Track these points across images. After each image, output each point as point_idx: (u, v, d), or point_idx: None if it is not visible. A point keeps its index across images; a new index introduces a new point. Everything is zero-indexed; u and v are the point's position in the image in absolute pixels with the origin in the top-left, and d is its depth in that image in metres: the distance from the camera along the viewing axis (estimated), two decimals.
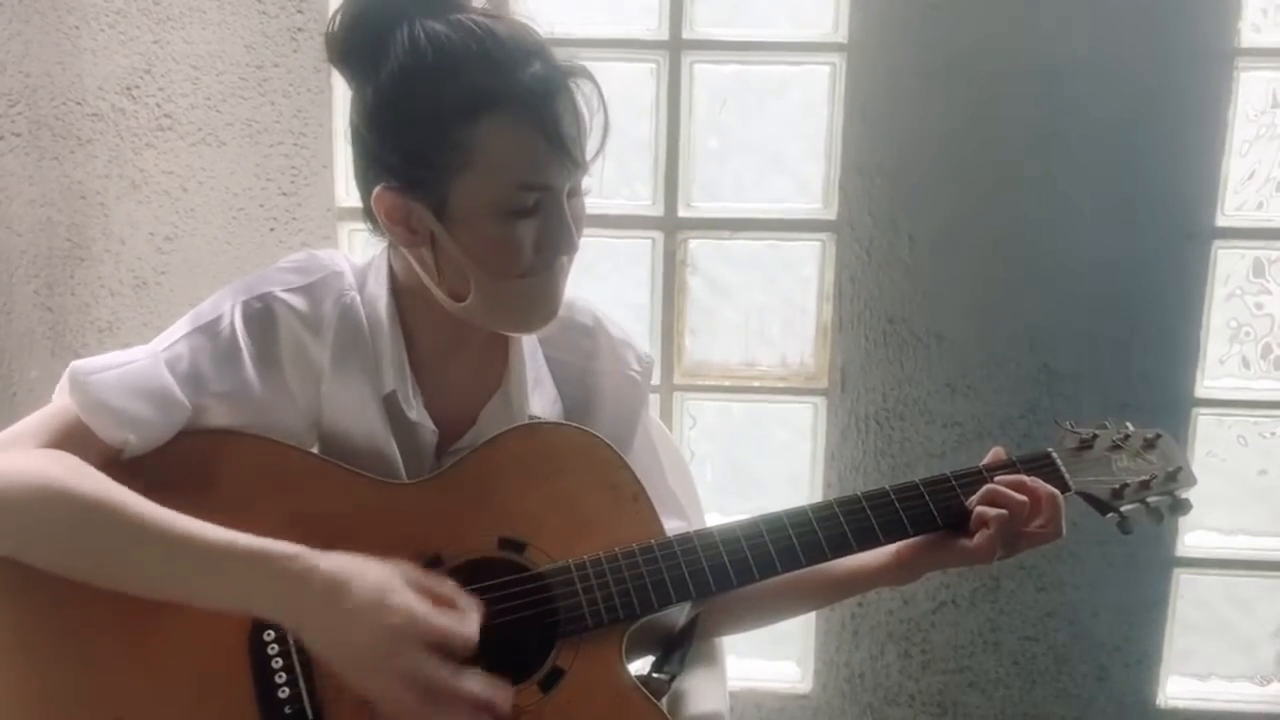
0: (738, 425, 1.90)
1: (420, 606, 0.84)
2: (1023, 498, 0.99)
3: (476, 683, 0.83)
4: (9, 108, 1.66)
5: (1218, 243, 1.72)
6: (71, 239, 1.74)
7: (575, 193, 0.96)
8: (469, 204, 0.92)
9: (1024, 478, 1.01)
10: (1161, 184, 1.68)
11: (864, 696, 1.85)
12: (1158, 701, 1.83)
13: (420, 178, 0.92)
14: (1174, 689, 1.85)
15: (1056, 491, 1.01)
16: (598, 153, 0.95)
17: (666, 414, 1.81)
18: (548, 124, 0.90)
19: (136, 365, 0.93)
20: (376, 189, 0.94)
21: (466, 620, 0.85)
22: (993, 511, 0.99)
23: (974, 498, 1.02)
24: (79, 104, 1.71)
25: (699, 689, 1.13)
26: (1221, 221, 1.71)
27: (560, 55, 0.93)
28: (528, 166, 0.91)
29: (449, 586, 0.87)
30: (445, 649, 0.83)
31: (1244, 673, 1.88)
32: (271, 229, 1.74)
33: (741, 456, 1.91)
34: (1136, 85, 1.66)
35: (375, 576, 0.84)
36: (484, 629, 0.92)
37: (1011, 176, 1.69)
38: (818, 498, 1.80)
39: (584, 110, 0.93)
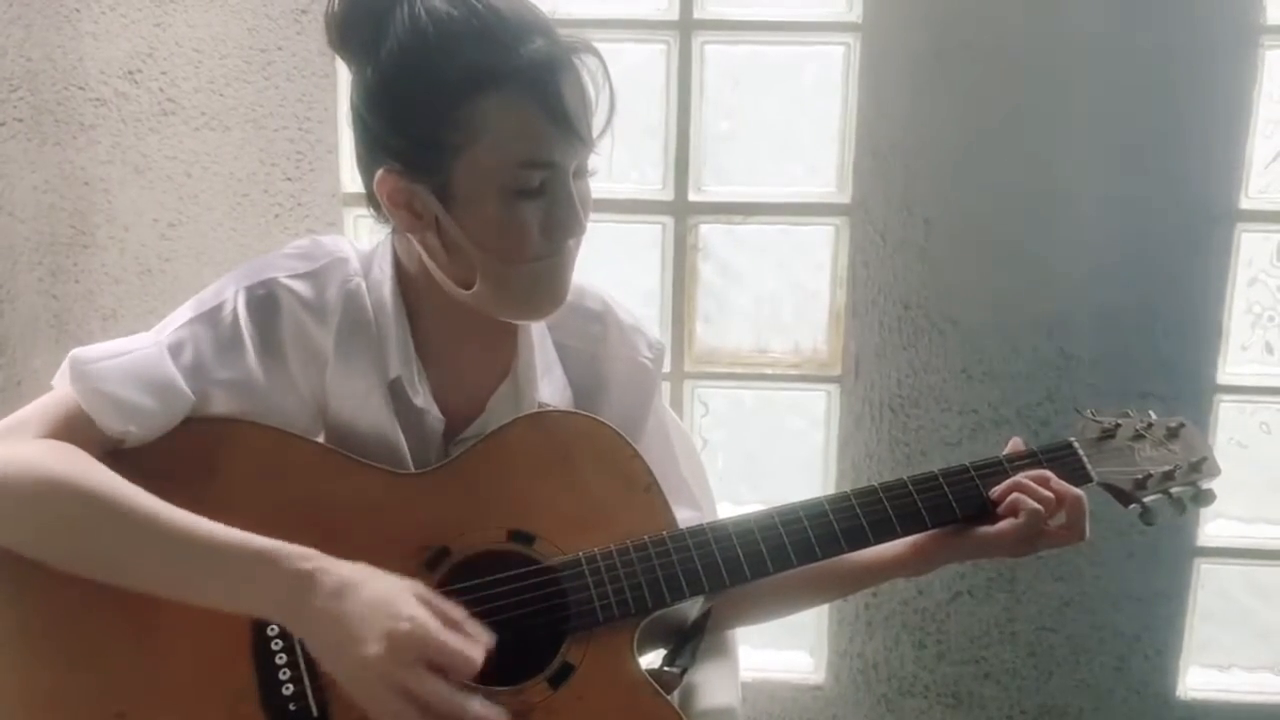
0: (749, 413, 1.87)
1: (429, 620, 0.81)
2: (1048, 493, 0.97)
3: (478, 704, 0.81)
4: (10, 93, 1.64)
5: (1241, 226, 1.68)
6: (75, 225, 1.72)
7: (581, 173, 0.94)
8: (472, 185, 0.90)
9: (1049, 474, 0.99)
10: (1184, 166, 1.64)
11: (878, 687, 1.83)
12: (1178, 693, 1.80)
13: (422, 159, 0.90)
14: (1194, 680, 1.82)
15: (1082, 494, 0.99)
16: (604, 130, 0.93)
17: (677, 401, 1.79)
18: (551, 100, 0.88)
19: (138, 354, 0.91)
20: (379, 172, 0.92)
21: (474, 644, 0.82)
22: (1030, 503, 0.96)
23: (996, 489, 0.99)
24: (81, 89, 1.68)
25: (711, 682, 1.11)
26: (1245, 204, 1.68)
27: (565, 31, 0.91)
28: (531, 144, 0.89)
29: (459, 611, 0.84)
30: (448, 668, 0.80)
31: (1265, 663, 1.85)
32: (276, 215, 1.71)
33: (753, 445, 1.88)
34: (1158, 64, 1.62)
35: (386, 583, 0.83)
36: (493, 624, 0.90)
37: (1029, 158, 1.66)
38: (831, 486, 1.78)
39: (589, 86, 0.91)
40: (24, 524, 0.86)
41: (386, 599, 0.81)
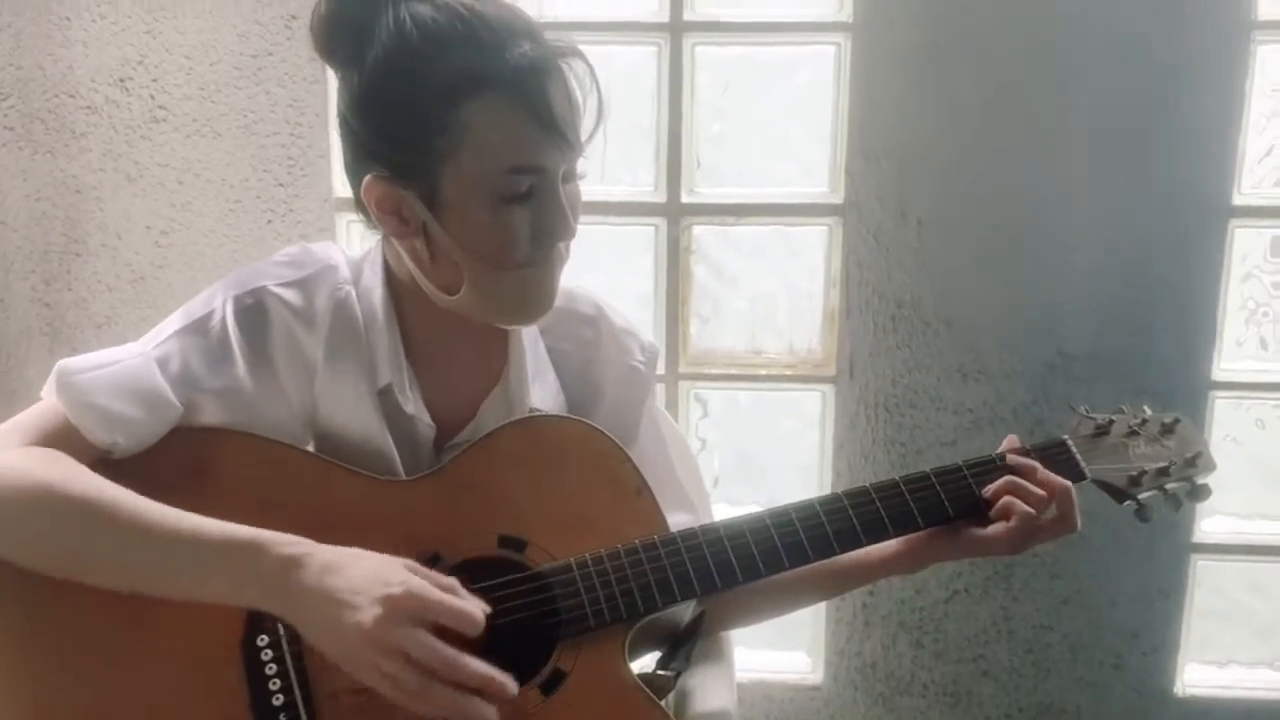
0: (745, 414, 1.87)
1: (423, 583, 0.81)
2: (1039, 492, 0.97)
3: (479, 664, 0.81)
4: (1, 101, 1.64)
5: (1234, 221, 1.68)
6: (67, 233, 1.72)
7: (570, 177, 0.94)
8: (460, 191, 0.90)
9: (1035, 464, 0.99)
10: (1176, 162, 1.64)
11: (876, 687, 1.82)
12: (1175, 690, 1.80)
13: (409, 165, 0.90)
14: (1192, 676, 1.82)
15: (1069, 485, 0.98)
16: (592, 134, 0.93)
17: (673, 403, 1.79)
18: (538, 104, 0.87)
19: (126, 364, 0.91)
20: (366, 178, 0.91)
21: (472, 602, 0.82)
22: (1022, 507, 0.96)
23: (989, 488, 0.99)
24: (72, 96, 1.68)
25: (705, 686, 1.10)
26: (1238, 200, 1.67)
27: (552, 35, 0.91)
28: (518, 149, 0.89)
29: (452, 580, 0.85)
30: (450, 626, 0.81)
31: (1264, 660, 1.85)
32: (269, 221, 1.71)
33: (749, 445, 1.88)
34: (1151, 60, 1.62)
35: (377, 559, 0.83)
36: (483, 631, 0.90)
37: (1022, 157, 1.66)
38: (826, 487, 1.78)
39: (576, 91, 0.91)
40: (10, 530, 0.86)
41: (378, 570, 0.82)
